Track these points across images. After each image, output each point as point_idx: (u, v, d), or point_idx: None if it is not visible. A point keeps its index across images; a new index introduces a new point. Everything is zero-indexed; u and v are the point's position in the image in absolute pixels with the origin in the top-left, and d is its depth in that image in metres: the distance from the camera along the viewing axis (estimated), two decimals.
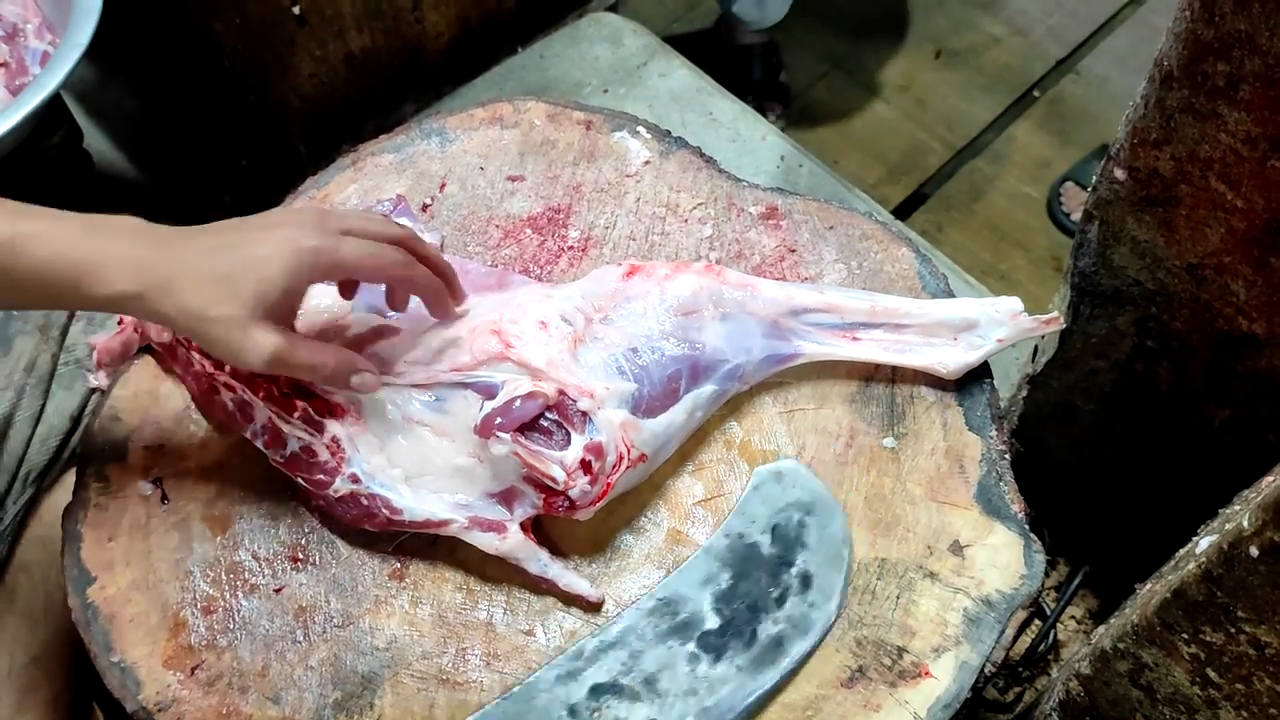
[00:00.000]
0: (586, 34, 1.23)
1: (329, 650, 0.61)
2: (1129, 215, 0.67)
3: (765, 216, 0.77)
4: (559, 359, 0.62)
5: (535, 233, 0.77)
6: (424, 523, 0.62)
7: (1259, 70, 0.53)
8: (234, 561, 0.63)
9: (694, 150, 0.81)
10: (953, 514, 0.65)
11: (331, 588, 0.63)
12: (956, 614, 0.61)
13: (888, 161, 1.66)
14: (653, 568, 0.64)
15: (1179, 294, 0.69)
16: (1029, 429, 0.90)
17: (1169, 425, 0.78)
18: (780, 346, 0.67)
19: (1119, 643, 0.57)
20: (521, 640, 0.62)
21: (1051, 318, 0.66)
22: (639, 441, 0.62)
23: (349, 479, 0.62)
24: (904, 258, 0.75)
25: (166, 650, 0.60)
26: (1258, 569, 0.45)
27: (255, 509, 0.65)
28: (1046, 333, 0.67)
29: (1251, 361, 0.68)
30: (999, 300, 0.68)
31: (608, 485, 0.61)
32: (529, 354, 0.62)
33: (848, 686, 0.59)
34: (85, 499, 0.65)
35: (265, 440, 0.64)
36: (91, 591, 0.62)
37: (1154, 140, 0.62)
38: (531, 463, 0.59)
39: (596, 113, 0.82)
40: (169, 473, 0.66)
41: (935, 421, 0.68)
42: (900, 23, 1.81)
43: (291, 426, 0.63)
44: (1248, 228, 0.61)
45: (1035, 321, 0.67)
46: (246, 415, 0.64)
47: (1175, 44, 0.57)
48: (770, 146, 1.15)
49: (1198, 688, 0.54)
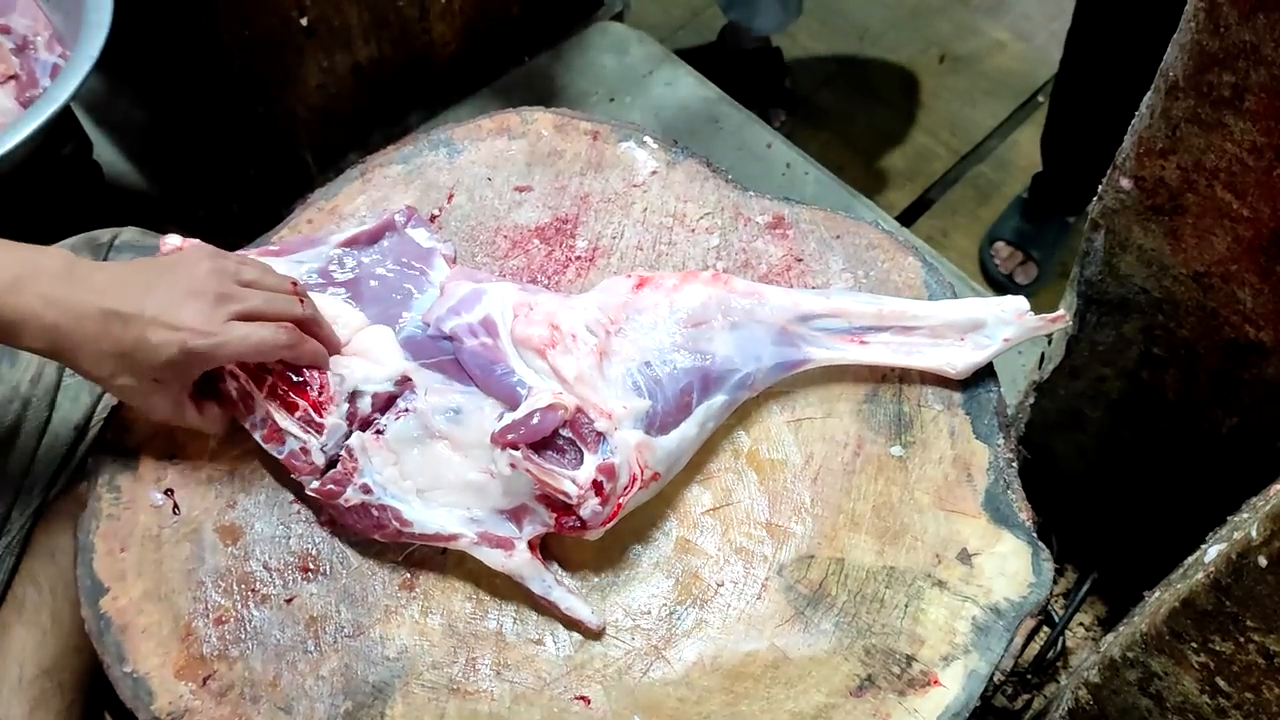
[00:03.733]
0: (593, 43, 1.24)
1: (340, 660, 0.61)
2: (1135, 224, 0.67)
3: (772, 226, 0.77)
4: (587, 374, 0.63)
5: (543, 243, 0.77)
6: (434, 536, 0.62)
7: (1264, 81, 0.54)
8: (245, 572, 0.64)
9: (701, 160, 0.81)
10: (961, 522, 0.65)
11: (342, 598, 0.63)
12: (965, 622, 0.61)
13: (892, 167, 1.66)
14: (662, 577, 0.64)
15: (1185, 302, 0.69)
16: (1036, 437, 0.90)
17: (1176, 433, 0.78)
18: (790, 353, 0.68)
19: (1128, 651, 0.57)
20: (531, 650, 0.62)
21: (1058, 316, 0.67)
22: (653, 461, 0.63)
23: (360, 489, 0.62)
24: (910, 266, 0.75)
25: (179, 660, 0.61)
26: (1266, 579, 0.45)
27: (266, 520, 0.66)
28: (1053, 331, 0.67)
29: (1259, 369, 0.68)
30: (1005, 300, 0.68)
31: (619, 506, 0.61)
32: (563, 363, 0.63)
33: (856, 695, 0.59)
34: (97, 510, 0.66)
35: (264, 435, 0.64)
36: (104, 602, 0.62)
37: (1160, 150, 0.62)
38: (543, 479, 0.60)
39: (604, 123, 0.83)
40: (180, 484, 0.67)
41: (943, 430, 0.68)
42: (904, 29, 1.82)
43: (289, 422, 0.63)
44: (1254, 236, 0.61)
45: (1041, 320, 0.67)
46: (248, 406, 0.65)
47: (1180, 54, 0.57)
48: (776, 154, 1.16)
49: (1207, 697, 0.54)
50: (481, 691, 0.60)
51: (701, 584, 0.64)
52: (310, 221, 0.78)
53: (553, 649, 0.62)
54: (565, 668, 0.61)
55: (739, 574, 0.64)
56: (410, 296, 0.70)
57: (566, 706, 0.60)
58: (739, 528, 0.66)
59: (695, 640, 0.62)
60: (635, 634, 0.62)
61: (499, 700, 0.60)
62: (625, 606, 0.63)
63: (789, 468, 0.67)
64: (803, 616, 0.62)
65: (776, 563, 0.64)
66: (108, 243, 0.79)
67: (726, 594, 0.63)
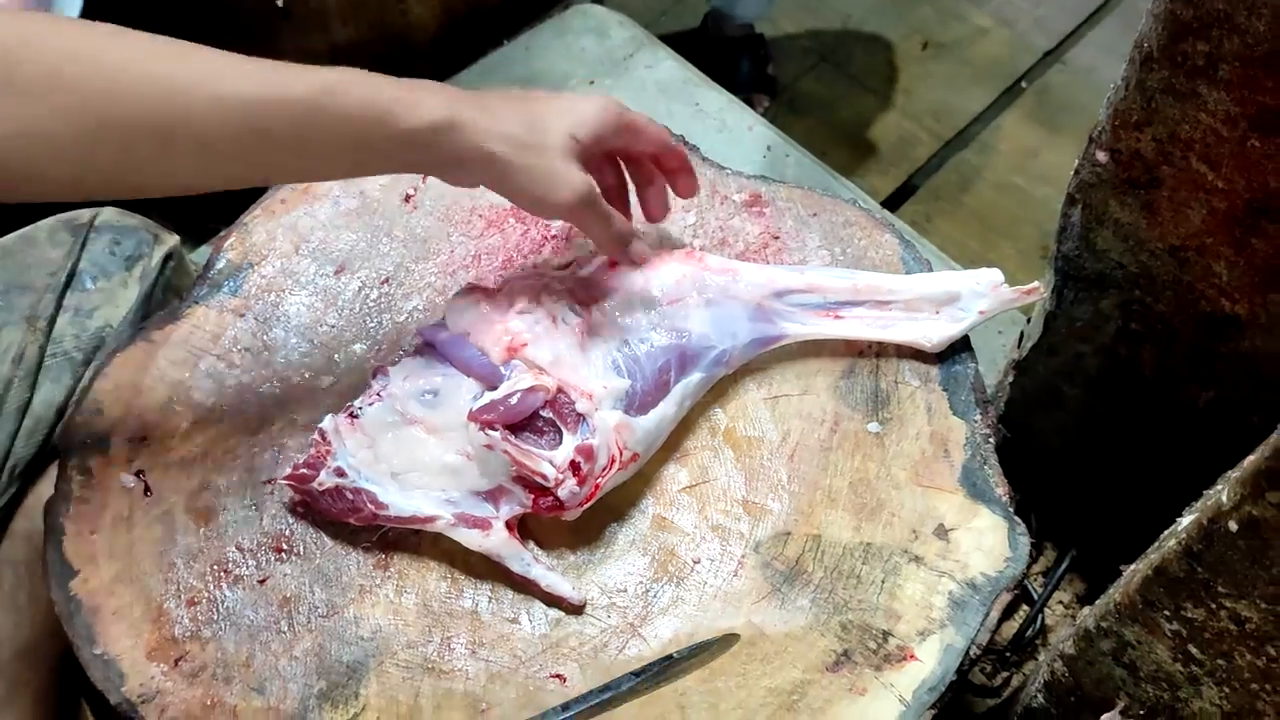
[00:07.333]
0: (572, 26, 1.23)
1: (314, 640, 0.61)
2: (1111, 198, 0.67)
3: (749, 204, 0.77)
4: (566, 355, 0.63)
5: (519, 221, 0.76)
6: (410, 519, 0.62)
7: (1238, 49, 0.53)
8: (218, 553, 0.63)
9: (677, 138, 0.80)
10: (938, 498, 0.65)
11: (316, 578, 0.63)
12: (941, 597, 0.61)
13: (876, 153, 1.66)
14: (638, 554, 0.64)
15: (1162, 276, 0.69)
16: (1015, 415, 0.90)
17: (1153, 408, 0.78)
18: (765, 329, 0.67)
19: (1102, 622, 0.58)
20: (507, 628, 0.62)
21: (1032, 288, 0.67)
22: (632, 442, 0.62)
23: (334, 472, 0.62)
24: (887, 243, 0.75)
25: (150, 642, 0.60)
26: (1237, 544, 0.45)
27: (239, 501, 0.65)
28: (1028, 302, 0.67)
29: (1234, 343, 0.68)
30: (980, 272, 0.68)
31: (596, 486, 0.61)
32: (536, 352, 0.62)
33: (833, 671, 0.59)
34: (67, 492, 0.65)
35: None
36: (74, 584, 0.62)
37: (1135, 122, 0.62)
38: (521, 460, 0.59)
39: None
40: (152, 465, 0.66)
41: (920, 406, 0.68)
42: (887, 15, 1.81)
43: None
44: (1228, 208, 0.61)
45: (1016, 292, 0.67)
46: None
47: (1155, 25, 0.57)
48: (757, 136, 1.15)
49: (1180, 664, 0.54)
50: (456, 670, 0.60)
51: (678, 561, 0.63)
52: (284, 201, 0.78)
53: (528, 627, 0.62)
54: (541, 646, 0.61)
55: (715, 551, 0.64)
56: None
57: (542, 685, 0.60)
58: (716, 505, 0.65)
59: (671, 617, 0.62)
60: (611, 611, 0.62)
61: (474, 679, 0.60)
62: (601, 584, 0.63)
63: (766, 445, 0.67)
64: (779, 593, 0.62)
65: (753, 540, 0.64)
66: (87, 222, 0.78)
67: (703, 571, 0.63)
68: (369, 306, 0.73)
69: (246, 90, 0.51)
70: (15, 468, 0.73)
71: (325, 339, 0.71)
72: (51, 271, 0.77)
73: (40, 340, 0.74)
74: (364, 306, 0.73)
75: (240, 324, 0.72)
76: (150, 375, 0.69)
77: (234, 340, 0.71)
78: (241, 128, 0.51)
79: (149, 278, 0.82)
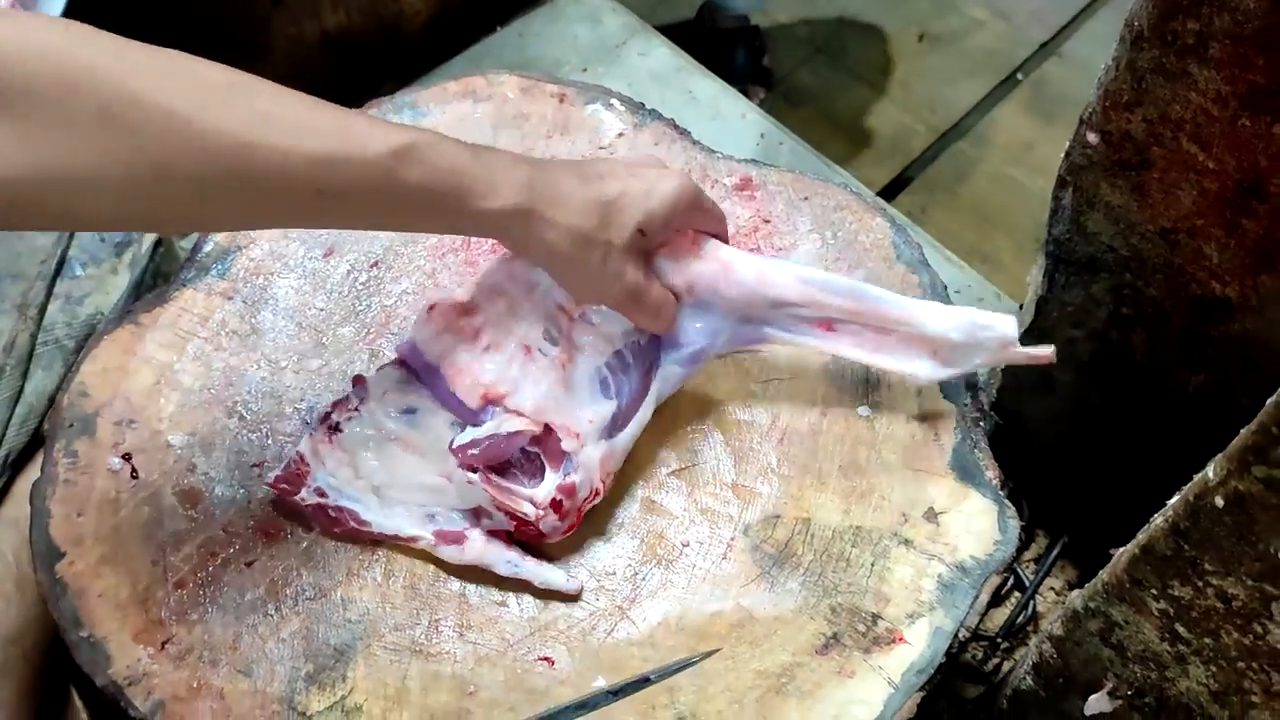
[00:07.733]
0: (565, 13, 1.23)
1: (301, 623, 0.60)
2: (1102, 180, 0.67)
3: (739, 188, 0.77)
4: (545, 399, 0.60)
5: None
6: (393, 536, 0.62)
7: (1228, 27, 0.53)
8: (205, 536, 0.63)
9: (668, 122, 0.80)
10: (928, 481, 0.64)
11: (304, 561, 0.62)
12: (931, 580, 0.61)
13: (871, 145, 1.65)
14: (627, 537, 0.64)
15: (1153, 259, 0.69)
16: (1007, 402, 0.89)
17: (1145, 393, 0.77)
18: (749, 333, 0.65)
19: (1090, 602, 0.57)
20: (495, 611, 0.61)
21: (1044, 354, 0.61)
22: (613, 465, 0.62)
23: (315, 492, 0.62)
24: (879, 228, 0.75)
25: (136, 624, 0.60)
26: (1223, 520, 0.44)
27: (227, 483, 0.65)
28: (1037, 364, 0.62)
29: (1225, 326, 0.68)
30: (994, 322, 0.61)
31: (579, 517, 0.61)
32: (518, 401, 0.61)
33: (822, 653, 0.59)
34: (54, 475, 0.64)
35: None
36: (60, 567, 0.61)
37: (1126, 102, 0.61)
38: (500, 499, 0.59)
39: (570, 85, 0.82)
40: (139, 448, 0.66)
41: (910, 390, 0.68)
42: (883, 7, 1.81)
43: None
44: (1219, 189, 0.61)
45: (1025, 354, 0.62)
46: None
47: (1145, 3, 0.56)
48: (750, 124, 1.15)
49: (1167, 644, 0.54)
50: (444, 653, 0.60)
51: (667, 544, 0.63)
52: None
53: (516, 610, 0.61)
54: (529, 629, 0.61)
55: (705, 534, 0.63)
56: None
57: (530, 667, 0.59)
58: (705, 488, 0.65)
59: (660, 600, 0.61)
60: (600, 594, 0.62)
61: (462, 662, 0.60)
62: (590, 567, 0.63)
63: (755, 428, 0.67)
64: (769, 576, 0.62)
65: (742, 523, 0.64)
66: None
67: (692, 554, 0.63)
68: (358, 289, 0.73)
69: (318, 150, 0.48)
70: (8, 456, 0.73)
71: (314, 322, 0.71)
72: (42, 259, 0.77)
73: (31, 328, 0.74)
74: (353, 289, 0.73)
75: (228, 307, 0.71)
76: (137, 358, 0.69)
77: (222, 323, 0.71)
78: (307, 188, 0.49)
79: (139, 264, 0.82)
